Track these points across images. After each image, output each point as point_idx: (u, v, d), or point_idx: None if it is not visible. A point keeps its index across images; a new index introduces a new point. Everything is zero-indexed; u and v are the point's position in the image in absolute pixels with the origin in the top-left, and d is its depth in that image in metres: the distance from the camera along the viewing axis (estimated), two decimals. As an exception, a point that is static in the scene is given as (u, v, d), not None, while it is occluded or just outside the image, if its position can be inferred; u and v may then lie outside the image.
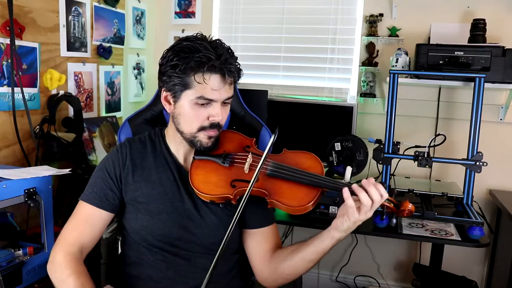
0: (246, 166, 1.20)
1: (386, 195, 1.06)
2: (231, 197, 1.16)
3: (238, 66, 1.18)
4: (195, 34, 1.18)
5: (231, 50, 1.18)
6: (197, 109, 1.15)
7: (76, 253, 1.17)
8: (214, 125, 1.17)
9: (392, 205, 1.11)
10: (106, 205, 1.22)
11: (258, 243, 1.26)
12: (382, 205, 1.09)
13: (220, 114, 1.16)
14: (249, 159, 1.21)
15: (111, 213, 1.23)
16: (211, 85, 1.12)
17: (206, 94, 1.13)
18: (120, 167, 1.24)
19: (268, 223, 1.27)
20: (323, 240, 1.13)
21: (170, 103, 1.20)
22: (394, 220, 1.14)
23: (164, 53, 1.18)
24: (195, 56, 1.10)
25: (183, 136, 1.21)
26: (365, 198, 1.04)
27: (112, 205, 1.23)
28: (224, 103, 1.17)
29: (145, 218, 1.22)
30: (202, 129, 1.17)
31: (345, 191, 1.06)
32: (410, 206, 1.10)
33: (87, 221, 1.21)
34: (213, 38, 1.18)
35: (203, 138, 1.18)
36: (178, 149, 1.27)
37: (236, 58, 1.18)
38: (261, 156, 1.10)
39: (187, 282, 1.20)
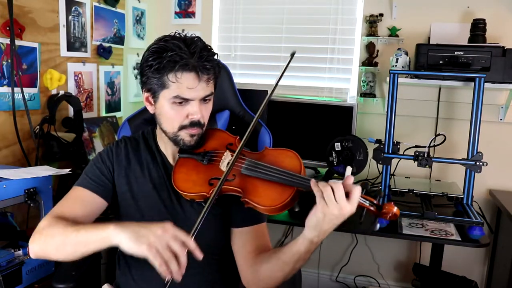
0: (221, 163, 1.19)
1: (340, 188, 0.97)
2: (208, 195, 1.14)
3: (216, 62, 1.17)
4: (172, 33, 1.17)
5: (209, 46, 1.17)
6: (175, 108, 1.15)
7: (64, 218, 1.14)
8: (194, 123, 1.17)
9: (374, 207, 1.02)
10: (99, 190, 1.22)
11: (242, 243, 1.23)
12: (360, 206, 1.00)
13: (198, 112, 1.15)
14: (225, 156, 1.20)
15: (103, 199, 1.22)
16: (186, 83, 1.12)
17: (182, 93, 1.13)
18: (114, 159, 1.26)
19: (254, 222, 1.23)
20: (297, 239, 1.07)
21: (151, 104, 1.21)
22: (378, 225, 1.04)
23: (143, 54, 1.18)
24: (167, 56, 1.10)
25: (167, 136, 1.22)
26: (324, 185, 0.98)
27: (104, 190, 1.22)
28: (204, 100, 1.17)
29: (136, 215, 1.22)
30: (183, 128, 1.17)
31: (312, 181, 1.02)
32: (395, 209, 1.00)
33: (78, 200, 1.20)
34: (192, 35, 1.17)
35: (185, 136, 1.19)
36: (167, 148, 1.28)
37: (214, 54, 1.16)
38: (238, 153, 1.09)
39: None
